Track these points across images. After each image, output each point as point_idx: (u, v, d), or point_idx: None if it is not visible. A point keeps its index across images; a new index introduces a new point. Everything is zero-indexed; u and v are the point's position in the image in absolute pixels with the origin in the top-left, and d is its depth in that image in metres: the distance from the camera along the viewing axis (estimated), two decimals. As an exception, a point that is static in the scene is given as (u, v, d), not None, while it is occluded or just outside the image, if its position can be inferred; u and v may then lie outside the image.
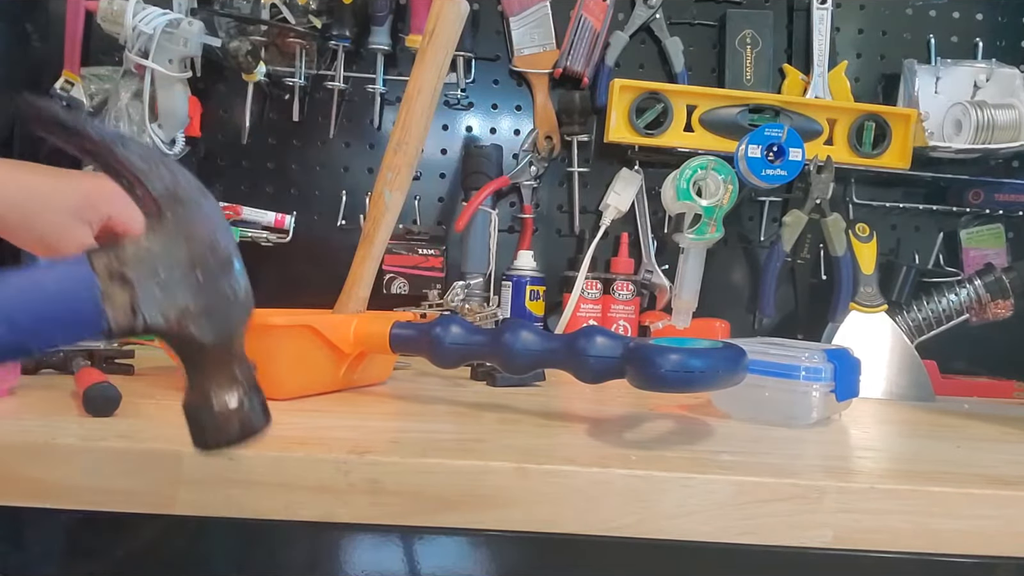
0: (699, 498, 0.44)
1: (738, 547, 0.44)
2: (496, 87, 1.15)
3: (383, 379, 0.76)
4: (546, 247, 1.15)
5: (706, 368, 0.49)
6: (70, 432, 0.46)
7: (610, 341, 0.53)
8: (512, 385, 0.77)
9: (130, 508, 0.44)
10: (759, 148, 0.98)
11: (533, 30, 1.12)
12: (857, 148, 1.07)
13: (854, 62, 1.16)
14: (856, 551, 0.44)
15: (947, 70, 1.10)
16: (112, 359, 0.72)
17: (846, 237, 0.99)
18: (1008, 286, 1.02)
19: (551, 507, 0.44)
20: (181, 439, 0.46)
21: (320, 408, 0.60)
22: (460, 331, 0.59)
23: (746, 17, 1.13)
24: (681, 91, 1.08)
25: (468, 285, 1.05)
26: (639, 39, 1.15)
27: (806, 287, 1.13)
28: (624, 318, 1.07)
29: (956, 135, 1.06)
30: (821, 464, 0.51)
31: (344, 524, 0.44)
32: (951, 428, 0.71)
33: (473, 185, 1.09)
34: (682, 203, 0.99)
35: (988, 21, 1.16)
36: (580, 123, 1.11)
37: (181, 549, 0.47)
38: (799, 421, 0.63)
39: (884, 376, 0.93)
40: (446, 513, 0.44)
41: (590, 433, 0.55)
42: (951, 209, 1.14)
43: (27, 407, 0.55)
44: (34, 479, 0.43)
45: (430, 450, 0.46)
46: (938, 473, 0.48)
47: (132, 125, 0.99)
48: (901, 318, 1.03)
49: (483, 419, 0.59)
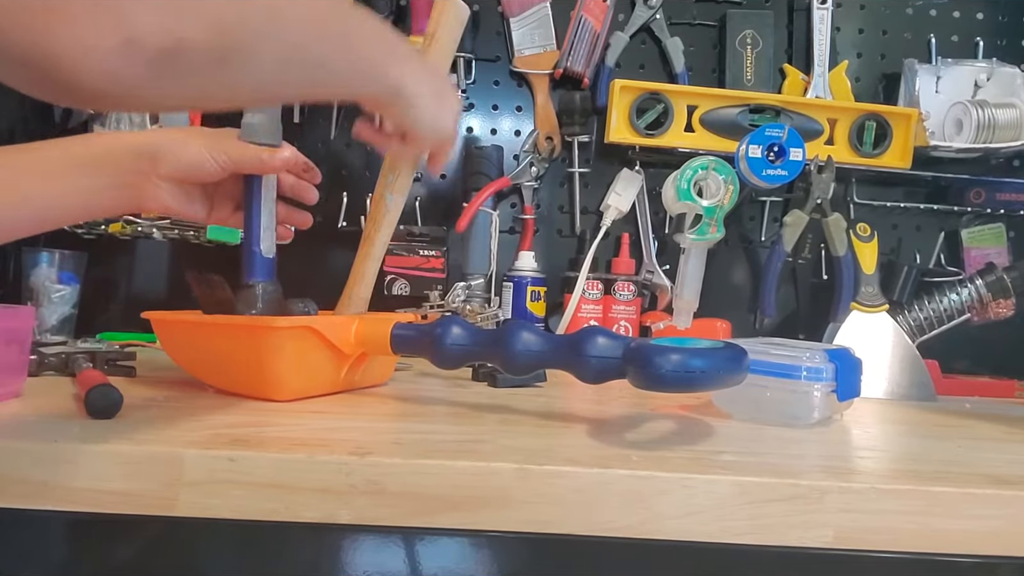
0: (700, 498, 0.44)
1: (739, 547, 0.44)
2: (497, 88, 1.15)
3: (384, 380, 0.76)
4: (547, 248, 1.15)
5: (707, 368, 0.49)
6: (72, 434, 0.46)
7: (611, 341, 0.53)
8: (513, 386, 0.77)
9: (131, 510, 0.44)
10: (760, 148, 0.98)
11: (533, 31, 1.12)
12: (858, 148, 1.07)
13: (855, 62, 1.16)
14: (857, 551, 0.44)
15: (948, 69, 1.10)
16: (114, 361, 0.73)
17: (847, 237, 0.99)
18: (1009, 285, 1.02)
19: (552, 508, 0.44)
20: (182, 441, 0.46)
21: (321, 409, 0.60)
22: (461, 332, 0.59)
23: (746, 17, 1.14)
24: (682, 91, 1.08)
25: (469, 286, 1.05)
26: (639, 39, 1.15)
27: (807, 287, 1.13)
28: (625, 318, 1.07)
29: (957, 134, 1.06)
30: (822, 464, 0.51)
31: (345, 525, 0.44)
32: (952, 428, 0.71)
33: (474, 186, 1.09)
34: (683, 203, 0.99)
35: (989, 20, 1.16)
36: (581, 124, 1.11)
37: (182, 551, 0.47)
38: (800, 421, 0.63)
39: (885, 376, 0.93)
40: (448, 514, 0.44)
41: (591, 434, 0.55)
42: (952, 208, 1.14)
43: (29, 409, 0.55)
44: (36, 481, 0.43)
45: (431, 451, 0.46)
46: (940, 473, 0.48)
47: (132, 126, 0.99)
48: (902, 318, 1.03)
49: (484, 420, 0.59)
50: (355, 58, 0.51)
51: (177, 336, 0.69)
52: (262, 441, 0.47)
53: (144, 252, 1.13)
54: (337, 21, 0.47)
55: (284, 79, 0.45)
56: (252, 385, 0.63)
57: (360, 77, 0.53)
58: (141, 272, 1.14)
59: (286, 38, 0.42)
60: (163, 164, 0.61)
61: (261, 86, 0.44)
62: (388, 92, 0.56)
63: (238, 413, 0.57)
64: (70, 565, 0.47)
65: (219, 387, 0.66)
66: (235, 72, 0.40)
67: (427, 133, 0.62)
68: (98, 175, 0.60)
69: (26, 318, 0.62)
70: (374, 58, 0.53)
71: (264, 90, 0.46)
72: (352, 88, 0.55)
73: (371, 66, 0.53)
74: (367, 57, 0.52)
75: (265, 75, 0.42)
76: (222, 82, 0.40)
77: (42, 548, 0.46)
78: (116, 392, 0.52)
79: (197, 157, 0.62)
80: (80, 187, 0.59)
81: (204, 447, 0.44)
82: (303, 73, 0.46)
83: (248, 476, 0.43)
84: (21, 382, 0.60)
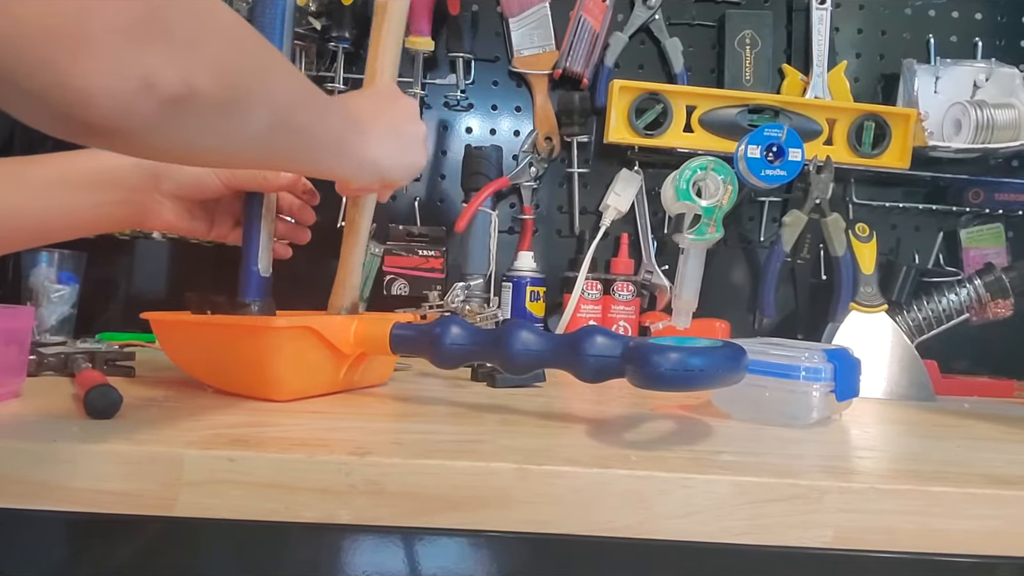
0: (700, 498, 0.44)
1: (738, 547, 0.44)
2: (496, 88, 1.15)
3: (384, 380, 0.76)
4: (546, 248, 1.15)
5: (705, 367, 0.49)
6: (71, 434, 0.46)
7: (610, 340, 0.53)
8: (513, 386, 0.77)
9: (131, 510, 0.44)
10: (759, 148, 0.98)
11: (532, 31, 1.12)
12: (857, 148, 1.07)
13: (853, 62, 1.16)
14: (856, 551, 0.44)
15: (946, 70, 1.10)
16: (113, 361, 0.73)
17: (846, 237, 0.99)
18: (1008, 285, 1.02)
19: (552, 508, 0.44)
20: (182, 441, 0.46)
21: (321, 409, 0.60)
22: (460, 332, 0.59)
23: (745, 17, 1.14)
24: (681, 91, 1.08)
25: (468, 286, 1.05)
26: (638, 40, 1.15)
27: (806, 287, 1.13)
28: (624, 319, 1.07)
29: (956, 135, 1.06)
30: (821, 464, 0.51)
31: (345, 525, 0.44)
32: (952, 428, 0.71)
33: (473, 186, 1.09)
34: (682, 203, 0.99)
35: (987, 21, 1.16)
36: (580, 124, 1.11)
37: (182, 551, 0.47)
38: (799, 421, 0.63)
39: (884, 376, 0.93)
40: (447, 514, 0.44)
41: (590, 434, 0.55)
42: (951, 209, 1.14)
43: (28, 409, 0.55)
44: (35, 481, 0.43)
45: (431, 451, 0.46)
46: (939, 473, 0.48)
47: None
48: (901, 318, 1.03)
49: (484, 420, 0.59)
50: (332, 134, 0.54)
51: (176, 336, 0.69)
52: (262, 441, 0.47)
53: (143, 252, 1.13)
54: (314, 95, 0.49)
55: (271, 140, 0.46)
56: (251, 385, 0.63)
57: (335, 153, 0.56)
58: (140, 272, 1.14)
59: (275, 99, 0.44)
60: (166, 181, 0.63)
61: (252, 147, 0.46)
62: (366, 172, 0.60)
63: (238, 413, 0.57)
64: (69, 565, 0.47)
65: (218, 387, 0.66)
66: (233, 126, 0.41)
67: (405, 181, 0.68)
68: (101, 191, 0.60)
69: (25, 318, 0.62)
70: (345, 137, 0.56)
71: (254, 151, 0.47)
72: (329, 163, 0.57)
73: (345, 144, 0.56)
74: (339, 135, 0.55)
75: (256, 133, 0.44)
76: (220, 134, 0.41)
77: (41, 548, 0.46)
78: (115, 392, 0.52)
79: (199, 174, 0.63)
80: (82, 202, 0.60)
81: (204, 447, 0.44)
82: (287, 139, 0.48)
83: (248, 476, 0.43)
84: (20, 382, 0.60)
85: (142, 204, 0.62)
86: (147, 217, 0.63)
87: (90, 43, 0.31)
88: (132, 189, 0.61)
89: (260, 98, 0.42)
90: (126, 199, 0.61)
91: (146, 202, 0.62)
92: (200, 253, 1.06)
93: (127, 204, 0.62)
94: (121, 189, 0.61)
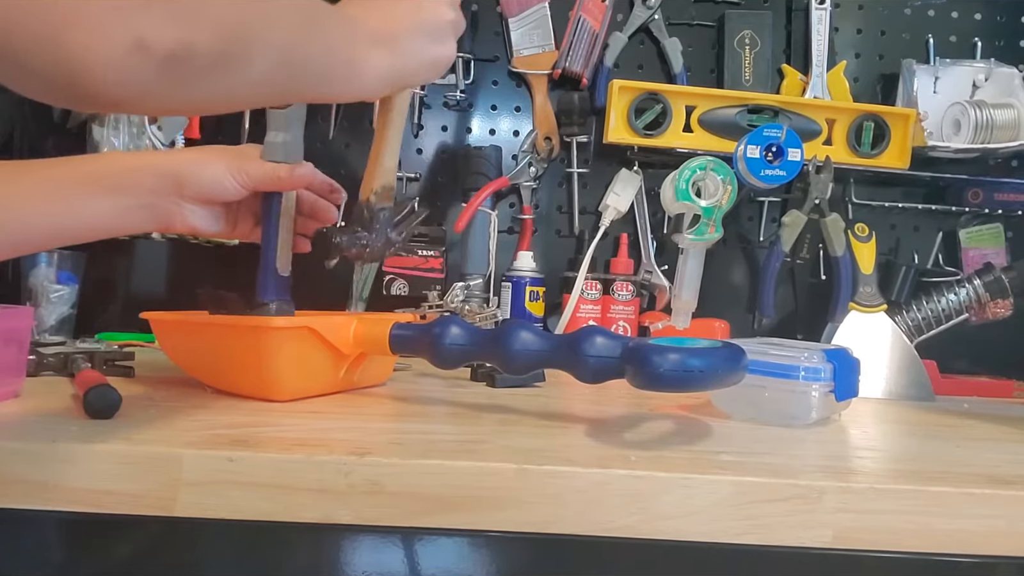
0: (699, 498, 0.44)
1: (738, 547, 0.44)
2: (495, 88, 1.15)
3: (383, 380, 0.76)
4: (546, 248, 1.15)
5: (705, 367, 0.49)
6: (71, 434, 0.46)
7: (609, 341, 0.53)
8: (512, 386, 0.77)
9: (130, 510, 0.44)
10: (758, 148, 0.98)
11: (532, 31, 1.12)
12: (856, 148, 1.07)
13: (853, 62, 1.16)
14: (856, 551, 0.44)
15: (946, 70, 1.10)
16: (112, 361, 0.73)
17: (845, 237, 0.99)
18: (1007, 285, 1.02)
19: (551, 508, 0.44)
20: (181, 441, 0.46)
21: (320, 410, 0.60)
22: (460, 332, 0.59)
23: (745, 18, 1.14)
24: (680, 92, 1.08)
25: (468, 286, 1.05)
26: (638, 40, 1.15)
27: (805, 287, 1.13)
28: (624, 319, 1.07)
29: (955, 135, 1.06)
30: (821, 464, 0.51)
31: (345, 525, 0.44)
32: (951, 428, 0.71)
33: (472, 186, 1.09)
34: (681, 204, 0.99)
35: (987, 21, 1.16)
36: (579, 124, 1.11)
37: (181, 551, 0.47)
38: (799, 421, 0.63)
39: (884, 376, 0.93)
40: (447, 514, 0.44)
41: (590, 434, 0.55)
42: (950, 209, 1.14)
43: (28, 409, 0.55)
44: (35, 481, 0.43)
45: (430, 451, 0.46)
46: (938, 473, 0.48)
47: (131, 127, 0.99)
48: (900, 318, 1.03)
49: (483, 420, 0.59)
50: (340, 59, 0.51)
51: (176, 336, 0.69)
52: (261, 441, 0.47)
53: (143, 252, 1.13)
54: (317, 20, 0.48)
55: (276, 80, 0.46)
56: (251, 385, 0.63)
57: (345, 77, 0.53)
58: (140, 272, 1.14)
59: (277, 39, 0.44)
60: (187, 187, 0.62)
61: (256, 89, 0.45)
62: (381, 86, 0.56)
63: (237, 413, 0.57)
64: (69, 565, 0.47)
65: (218, 387, 0.66)
66: (234, 76, 0.41)
67: (429, 80, 0.62)
68: (119, 195, 0.60)
69: (25, 318, 0.62)
70: (355, 57, 0.53)
71: (257, 93, 0.47)
72: (340, 88, 0.54)
73: (355, 64, 0.53)
74: (348, 58, 0.52)
75: (260, 76, 0.44)
76: (223, 85, 0.41)
77: (41, 548, 0.46)
78: (115, 392, 0.52)
79: (219, 178, 0.63)
80: (98, 206, 0.59)
81: (203, 447, 0.44)
82: (293, 74, 0.47)
83: (247, 476, 0.43)
84: (20, 382, 0.60)
85: (164, 208, 0.62)
86: (171, 221, 0.63)
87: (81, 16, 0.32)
88: (151, 193, 0.61)
89: (261, 43, 0.42)
90: (147, 203, 0.61)
91: (168, 206, 0.62)
92: (199, 253, 1.06)
93: (147, 208, 0.61)
94: (140, 192, 0.61)
